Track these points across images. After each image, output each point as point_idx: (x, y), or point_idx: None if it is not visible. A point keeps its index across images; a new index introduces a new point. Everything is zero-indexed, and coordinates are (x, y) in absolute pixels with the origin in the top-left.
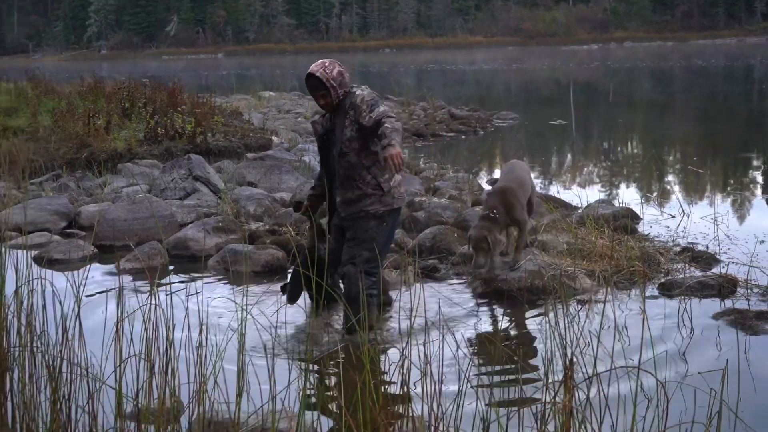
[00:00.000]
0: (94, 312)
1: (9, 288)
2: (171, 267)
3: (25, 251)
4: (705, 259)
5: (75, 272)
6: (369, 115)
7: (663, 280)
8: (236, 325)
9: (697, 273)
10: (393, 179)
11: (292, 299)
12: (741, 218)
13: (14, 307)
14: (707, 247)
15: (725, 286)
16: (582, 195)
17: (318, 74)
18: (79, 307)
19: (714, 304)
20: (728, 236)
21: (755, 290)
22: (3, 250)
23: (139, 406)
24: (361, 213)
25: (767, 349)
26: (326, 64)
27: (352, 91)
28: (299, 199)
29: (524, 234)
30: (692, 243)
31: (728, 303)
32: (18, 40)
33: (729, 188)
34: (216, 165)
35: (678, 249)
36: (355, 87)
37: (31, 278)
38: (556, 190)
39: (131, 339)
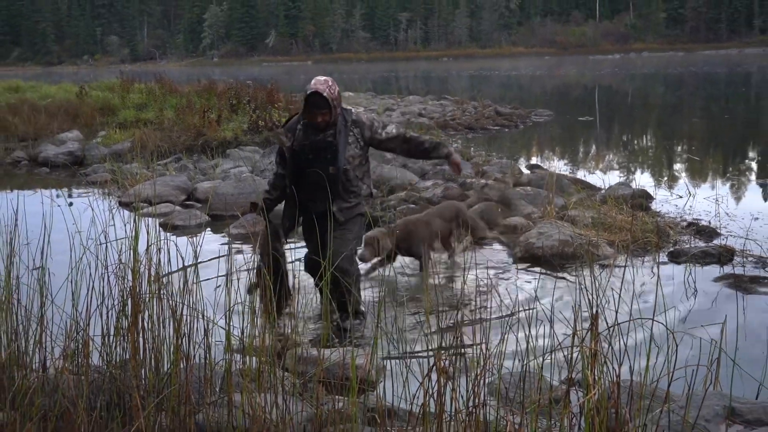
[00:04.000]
0: (209, 267)
1: (141, 247)
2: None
3: (153, 218)
4: (707, 233)
5: (193, 235)
6: (385, 131)
7: (672, 249)
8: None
9: (701, 244)
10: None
11: (253, 291)
12: (738, 199)
13: (145, 262)
14: (710, 223)
15: (724, 255)
16: (604, 178)
17: (325, 94)
18: (196, 263)
19: (715, 270)
20: (727, 214)
21: (750, 259)
22: (136, 217)
23: (244, 343)
24: (354, 215)
25: (759, 307)
26: (329, 84)
27: (348, 109)
28: (254, 201)
29: (423, 262)
30: (697, 219)
31: (727, 269)
32: (147, 49)
33: (728, 174)
34: None
35: (685, 224)
36: (346, 106)
37: (158, 239)
38: (583, 174)
39: (238, 288)
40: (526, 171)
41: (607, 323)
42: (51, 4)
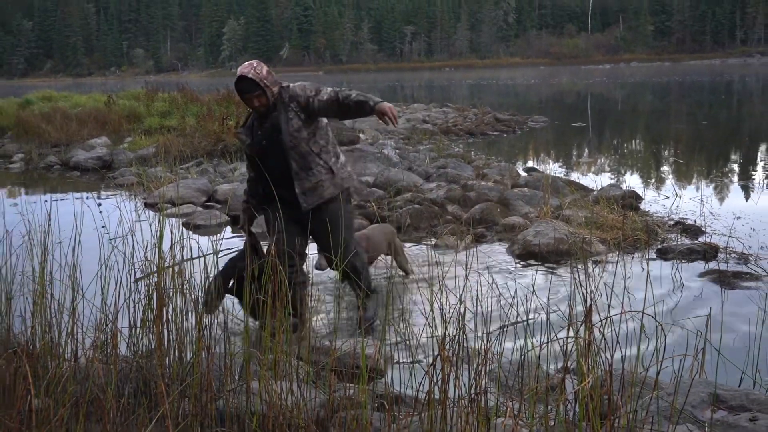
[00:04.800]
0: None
1: (165, 245)
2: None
3: (176, 218)
4: (693, 231)
5: (213, 234)
6: (317, 98)
7: (660, 246)
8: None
9: (687, 241)
10: (339, 161)
11: (211, 310)
12: (722, 199)
13: (169, 259)
14: (695, 222)
15: (709, 252)
16: (597, 180)
17: (251, 75)
18: (216, 259)
19: (700, 266)
20: (712, 213)
21: (732, 255)
22: (161, 217)
23: (261, 334)
24: (321, 201)
25: (742, 300)
26: (254, 65)
27: (285, 86)
28: (235, 214)
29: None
30: (683, 218)
31: (712, 265)
32: (170, 61)
33: (712, 176)
34: None
35: (672, 222)
36: (284, 83)
37: (181, 238)
38: (576, 176)
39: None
40: (523, 173)
41: (600, 315)
42: (81, 19)
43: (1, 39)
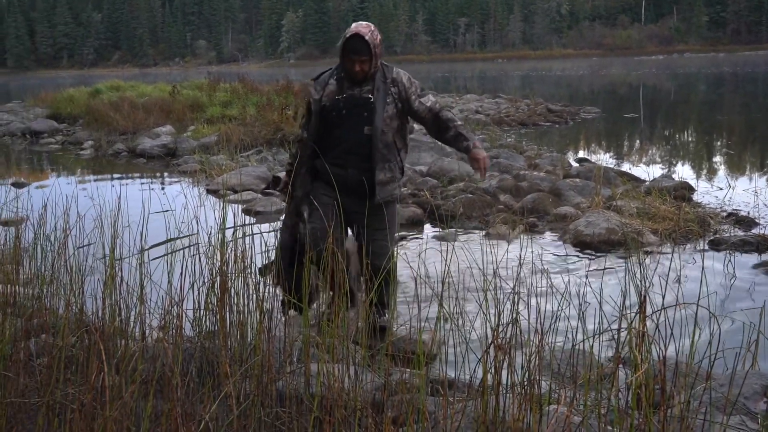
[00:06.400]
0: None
1: (228, 230)
2: None
3: (238, 205)
4: (746, 222)
5: (273, 221)
6: (420, 100)
7: (712, 237)
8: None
9: (740, 233)
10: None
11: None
12: None
13: (232, 244)
14: (748, 213)
15: (762, 244)
16: (649, 171)
17: (367, 38)
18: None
19: (753, 258)
20: (765, 205)
21: None
22: (224, 203)
23: (320, 319)
24: (390, 198)
25: None
26: (372, 29)
27: (388, 66)
28: (277, 174)
29: None
30: (736, 209)
31: (765, 257)
32: (231, 52)
33: (766, 167)
34: None
35: (724, 214)
36: (385, 62)
37: (243, 223)
38: (628, 167)
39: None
40: (575, 164)
41: (653, 306)
42: (147, 12)
43: (72, 31)
